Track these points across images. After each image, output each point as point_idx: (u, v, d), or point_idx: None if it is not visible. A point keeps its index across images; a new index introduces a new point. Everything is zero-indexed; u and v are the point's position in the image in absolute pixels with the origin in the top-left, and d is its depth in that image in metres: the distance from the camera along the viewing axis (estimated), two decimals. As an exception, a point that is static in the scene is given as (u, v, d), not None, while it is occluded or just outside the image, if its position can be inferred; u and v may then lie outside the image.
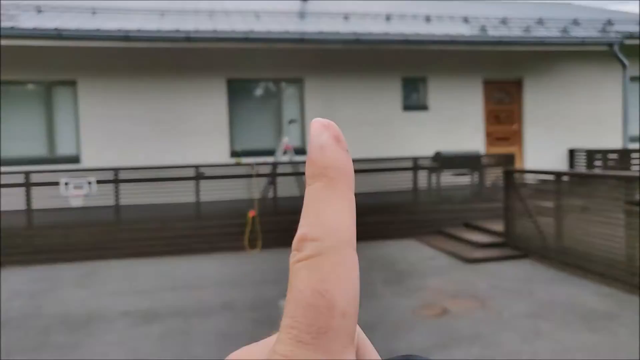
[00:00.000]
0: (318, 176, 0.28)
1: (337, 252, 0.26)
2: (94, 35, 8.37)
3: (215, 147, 9.80)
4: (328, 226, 0.27)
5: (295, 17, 10.89)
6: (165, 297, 5.93)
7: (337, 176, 0.28)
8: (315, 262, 0.26)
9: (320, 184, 0.28)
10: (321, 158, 0.29)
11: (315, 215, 0.27)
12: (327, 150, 0.29)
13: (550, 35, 10.57)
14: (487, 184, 9.64)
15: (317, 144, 0.29)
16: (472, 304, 5.42)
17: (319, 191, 0.28)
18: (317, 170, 0.28)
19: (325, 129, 0.30)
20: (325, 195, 0.28)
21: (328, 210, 0.27)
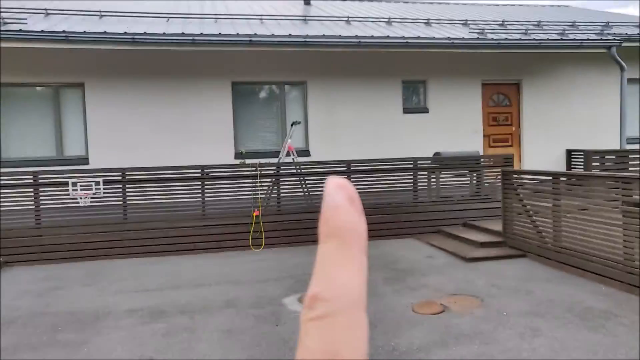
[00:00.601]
0: (331, 236, 0.29)
1: (347, 314, 0.27)
2: (101, 38, 8.46)
3: (220, 148, 9.90)
4: (339, 288, 0.27)
5: (298, 22, 11.00)
6: (170, 295, 5.99)
7: (350, 238, 0.29)
8: (327, 323, 0.26)
9: (333, 244, 0.28)
10: (335, 219, 0.29)
11: (327, 276, 0.28)
12: (341, 211, 0.29)
13: (548, 38, 10.67)
14: (486, 184, 9.72)
15: (332, 203, 0.29)
16: (471, 302, 5.44)
17: (332, 252, 0.28)
18: (330, 230, 0.29)
19: (340, 189, 0.30)
20: (338, 257, 0.28)
21: (340, 271, 0.28)
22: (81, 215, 8.14)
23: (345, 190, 0.30)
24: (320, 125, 10.43)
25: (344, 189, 0.30)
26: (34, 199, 8.05)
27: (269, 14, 11.33)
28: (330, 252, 0.28)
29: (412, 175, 9.35)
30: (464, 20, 12.15)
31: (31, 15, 9.59)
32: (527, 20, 12.73)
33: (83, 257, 7.92)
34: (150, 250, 8.10)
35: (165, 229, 8.28)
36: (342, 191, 0.30)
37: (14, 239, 7.83)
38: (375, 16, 12.18)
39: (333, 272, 0.28)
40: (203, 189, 8.57)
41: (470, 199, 9.52)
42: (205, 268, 7.28)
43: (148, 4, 11.51)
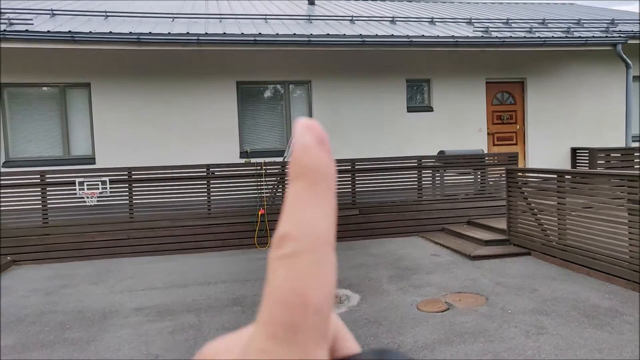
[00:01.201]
0: (300, 177, 0.29)
1: (314, 252, 0.27)
2: (106, 38, 8.51)
3: (225, 147, 9.94)
4: (307, 226, 0.27)
5: (302, 21, 11.01)
6: (177, 294, 6.04)
7: (319, 178, 0.29)
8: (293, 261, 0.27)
9: (302, 184, 0.28)
10: (304, 159, 0.29)
11: (295, 215, 0.28)
12: (310, 151, 0.29)
13: (553, 36, 10.64)
14: (490, 182, 9.71)
15: (301, 144, 0.29)
16: (476, 299, 5.46)
17: (301, 191, 0.28)
18: (299, 170, 0.29)
19: (309, 130, 0.30)
20: (307, 196, 0.28)
21: (308, 210, 0.28)
22: (88, 214, 8.20)
23: (314, 131, 0.30)
24: (324, 124, 10.25)
25: (313, 129, 0.30)
26: (41, 198, 8.12)
27: (274, 14, 11.35)
28: (299, 192, 0.28)
29: (417, 173, 9.36)
30: (468, 18, 12.13)
31: (37, 15, 9.65)
32: (532, 18, 12.70)
33: (90, 255, 7.98)
34: (156, 249, 8.16)
35: (171, 227, 8.33)
36: (311, 132, 0.30)
37: (22, 238, 7.90)
38: (379, 15, 12.18)
39: (301, 211, 0.28)
40: (209, 188, 8.62)
41: (474, 197, 9.53)
42: (211, 266, 7.31)
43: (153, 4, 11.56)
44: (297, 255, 0.27)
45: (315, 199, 0.28)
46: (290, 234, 0.27)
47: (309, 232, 0.27)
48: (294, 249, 0.27)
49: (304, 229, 0.27)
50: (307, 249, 0.27)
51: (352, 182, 9.09)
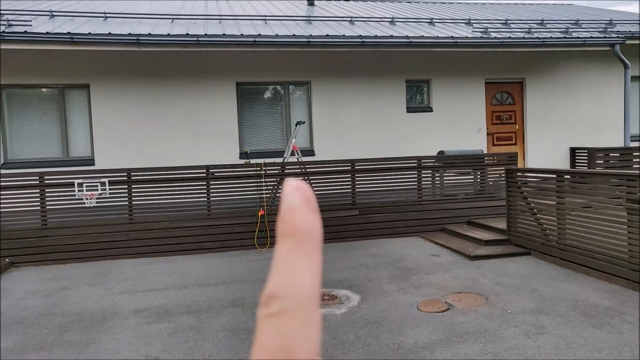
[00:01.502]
0: (287, 236, 0.30)
1: (300, 310, 0.28)
2: (105, 39, 8.50)
3: (225, 148, 9.93)
4: (294, 285, 0.29)
5: (302, 22, 11.01)
6: (176, 295, 6.02)
7: (305, 238, 0.30)
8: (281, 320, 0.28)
9: (289, 244, 0.30)
10: (291, 219, 0.30)
11: (282, 274, 0.29)
12: (297, 212, 0.31)
13: (552, 36, 10.65)
14: (490, 182, 9.72)
15: (289, 205, 0.31)
16: (476, 299, 5.46)
17: (287, 251, 0.30)
18: (286, 230, 0.30)
19: (297, 191, 0.31)
20: (293, 256, 0.30)
21: (294, 270, 0.29)
22: (87, 216, 8.18)
23: (301, 192, 0.31)
24: (324, 125, 10.46)
25: (301, 191, 0.31)
26: (40, 200, 8.10)
27: (273, 15, 11.35)
28: (286, 251, 0.30)
29: (417, 174, 9.36)
30: (467, 19, 12.14)
31: (36, 17, 9.65)
32: (531, 18, 12.72)
33: (89, 257, 7.96)
34: (155, 250, 8.14)
35: (171, 228, 8.32)
36: (299, 193, 0.31)
37: (21, 240, 7.88)
38: (378, 16, 12.19)
39: (288, 270, 0.29)
40: (208, 189, 8.60)
41: (474, 197, 9.53)
42: (210, 267, 7.30)
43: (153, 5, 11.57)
44: (284, 313, 0.28)
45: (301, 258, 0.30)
46: (277, 293, 0.29)
47: (295, 291, 0.29)
48: (281, 307, 0.28)
49: (289, 288, 0.29)
50: (294, 308, 0.28)
51: (352, 182, 9.08)
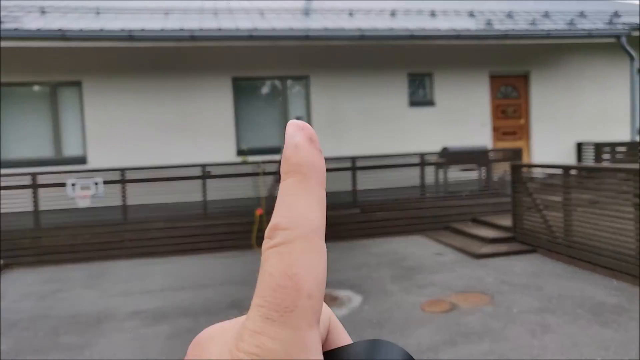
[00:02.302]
0: (291, 172, 0.30)
1: (305, 240, 0.28)
2: (98, 35, 8.38)
3: (221, 145, 9.81)
4: (298, 217, 0.29)
5: (299, 15, 10.87)
6: (173, 297, 5.94)
7: (309, 173, 0.30)
8: (286, 248, 0.28)
9: (293, 179, 0.30)
10: (295, 156, 0.31)
11: (287, 208, 0.29)
12: (300, 149, 0.31)
13: (556, 28, 10.49)
14: (495, 179, 9.60)
15: (292, 143, 0.31)
16: (480, 299, 5.39)
17: (292, 186, 0.30)
18: (290, 167, 0.31)
19: (299, 129, 0.32)
20: (297, 190, 0.30)
21: (299, 203, 0.29)
22: (81, 217, 8.11)
23: (304, 130, 0.32)
24: (323, 120, 10.31)
25: (304, 129, 0.32)
26: (33, 200, 8.00)
27: (270, 7, 11.21)
28: (290, 187, 0.30)
29: (419, 170, 9.23)
30: (469, 10, 11.98)
31: (27, 13, 9.52)
32: (535, 10, 12.54)
33: (84, 258, 7.87)
34: (151, 251, 8.03)
35: (166, 229, 8.21)
36: (302, 132, 0.31)
37: (14, 241, 7.80)
38: (378, 8, 12.02)
39: (292, 203, 0.29)
40: (204, 188, 8.49)
41: (478, 194, 9.41)
42: (208, 268, 7.23)
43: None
44: (289, 242, 0.28)
45: (306, 192, 0.30)
46: (281, 224, 0.29)
47: (300, 221, 0.29)
48: (286, 237, 0.28)
49: (294, 219, 0.29)
50: (299, 237, 0.28)
51: (353, 180, 8.96)
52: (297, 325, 0.26)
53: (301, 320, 0.27)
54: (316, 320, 0.27)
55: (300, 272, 0.27)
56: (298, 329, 0.26)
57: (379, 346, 0.30)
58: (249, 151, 9.79)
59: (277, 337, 0.26)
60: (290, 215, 0.29)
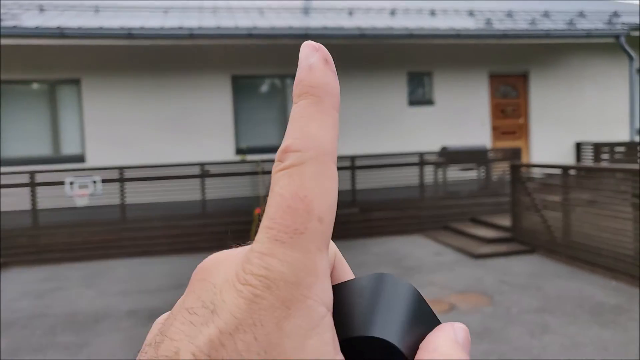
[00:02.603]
0: (305, 94, 0.29)
1: (318, 162, 0.27)
2: (96, 33, 8.34)
3: (220, 144, 9.77)
4: (311, 139, 0.28)
5: (299, 13, 10.84)
6: (171, 296, 5.89)
7: (323, 94, 0.29)
8: (297, 170, 0.27)
9: (307, 101, 0.29)
10: (309, 77, 0.29)
11: (299, 129, 0.28)
12: (315, 70, 0.30)
13: (556, 27, 10.47)
14: (494, 179, 9.58)
15: (306, 64, 0.30)
16: (480, 299, 5.38)
17: (305, 107, 0.29)
18: (304, 89, 0.29)
19: (315, 50, 0.30)
20: (310, 112, 0.29)
21: (312, 124, 0.28)
22: (79, 215, 8.07)
23: (319, 52, 0.30)
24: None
25: (319, 50, 0.31)
26: (31, 198, 7.96)
27: (269, 5, 11.17)
28: (303, 108, 0.29)
29: (419, 170, 9.21)
30: (469, 10, 11.95)
31: (26, 11, 9.47)
32: (534, 9, 12.51)
33: (82, 257, 7.84)
34: (149, 250, 8.00)
35: (165, 227, 8.18)
36: (317, 53, 0.30)
37: (12, 240, 7.76)
38: (378, 7, 11.99)
39: (304, 125, 0.28)
40: (203, 187, 8.45)
41: (478, 193, 9.39)
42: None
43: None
44: (300, 164, 0.27)
45: (319, 114, 0.29)
46: (293, 146, 0.28)
47: (312, 144, 0.28)
48: (297, 159, 0.27)
49: (307, 141, 0.28)
50: (311, 159, 0.27)
51: (352, 179, 8.94)
52: (307, 248, 0.26)
53: (311, 243, 0.26)
54: (326, 244, 0.27)
55: (311, 195, 0.26)
56: (307, 252, 0.26)
57: (385, 279, 0.29)
58: (247, 150, 9.76)
59: (285, 259, 0.25)
60: (303, 137, 0.28)
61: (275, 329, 0.24)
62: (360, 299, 0.28)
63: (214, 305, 0.26)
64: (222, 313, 0.25)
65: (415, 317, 0.28)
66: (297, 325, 0.24)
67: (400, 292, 0.29)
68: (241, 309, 0.25)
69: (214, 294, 0.27)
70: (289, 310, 0.25)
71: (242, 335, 0.24)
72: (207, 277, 0.28)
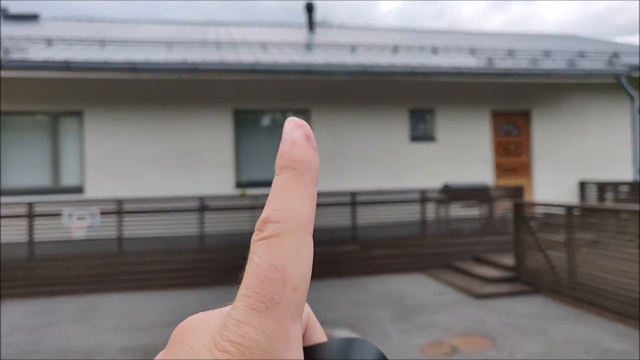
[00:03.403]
0: (286, 168, 0.31)
1: (294, 235, 0.29)
2: (101, 66, 8.40)
3: (220, 178, 9.73)
4: (289, 211, 0.29)
5: (301, 49, 10.94)
6: (165, 333, 5.74)
7: (303, 169, 0.31)
8: (275, 241, 0.28)
9: (288, 174, 0.31)
10: (291, 152, 0.31)
11: (279, 201, 0.30)
12: (297, 145, 0.31)
13: (557, 67, 10.54)
14: (497, 217, 9.48)
15: (289, 139, 0.32)
16: (482, 342, 5.22)
17: (285, 180, 0.30)
18: (285, 162, 0.31)
19: (297, 127, 0.32)
20: (290, 185, 0.30)
21: (290, 197, 0.30)
22: (76, 248, 7.97)
23: (302, 128, 0.32)
24: (324, 154, 10.26)
25: (301, 127, 0.32)
26: (28, 230, 7.87)
27: (272, 41, 11.29)
28: (283, 181, 0.30)
29: (420, 206, 9.12)
30: (471, 48, 12.07)
31: (34, 44, 9.58)
32: (535, 49, 12.65)
33: (77, 290, 7.69)
34: (146, 284, 7.85)
35: (162, 262, 8.05)
36: (299, 129, 0.32)
37: (7, 272, 7.63)
38: (380, 44, 12.13)
39: (284, 197, 0.30)
40: (202, 221, 8.36)
41: (480, 232, 9.27)
42: (203, 303, 7.02)
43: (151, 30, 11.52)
44: (278, 235, 0.28)
45: (299, 187, 0.30)
46: (272, 217, 0.29)
47: (291, 215, 0.29)
48: (276, 230, 0.29)
49: (285, 213, 0.29)
50: (288, 231, 0.29)
51: (353, 215, 8.84)
52: (282, 318, 0.27)
53: (285, 313, 0.27)
54: (299, 313, 0.28)
55: (288, 266, 0.28)
56: (282, 321, 0.27)
57: (354, 344, 0.30)
58: (247, 183, 9.71)
59: (261, 328, 0.26)
60: (282, 209, 0.29)
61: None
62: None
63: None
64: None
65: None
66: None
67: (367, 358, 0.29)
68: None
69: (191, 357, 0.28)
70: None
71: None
72: (185, 340, 0.30)
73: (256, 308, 0.27)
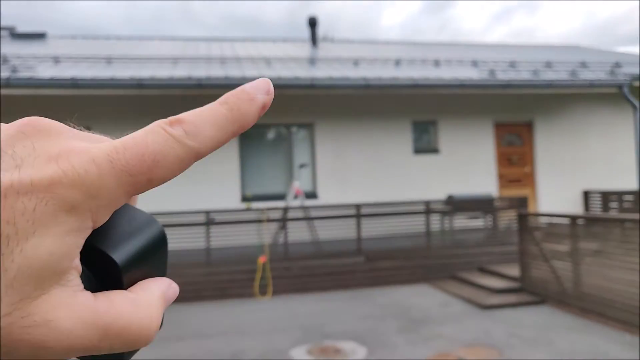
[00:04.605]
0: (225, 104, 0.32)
1: (187, 151, 0.30)
2: (108, 83, 8.51)
3: (226, 192, 9.78)
4: (201, 134, 0.30)
5: (305, 63, 11.04)
6: (172, 347, 5.76)
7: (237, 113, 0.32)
8: (173, 144, 0.30)
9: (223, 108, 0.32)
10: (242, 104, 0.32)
11: (199, 118, 0.31)
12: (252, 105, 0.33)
13: (559, 77, 10.59)
14: (501, 227, 9.48)
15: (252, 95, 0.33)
16: (489, 353, 5.20)
17: (218, 109, 0.32)
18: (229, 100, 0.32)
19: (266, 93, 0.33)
20: (220, 113, 0.32)
21: (209, 122, 0.31)
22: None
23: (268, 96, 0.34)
24: (328, 167, 10.32)
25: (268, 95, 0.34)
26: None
27: (276, 56, 11.40)
28: (217, 108, 0.31)
29: (425, 218, 9.13)
30: (473, 60, 12.15)
31: (41, 62, 9.71)
32: (537, 60, 12.72)
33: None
34: (153, 298, 7.85)
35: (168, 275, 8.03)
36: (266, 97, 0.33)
37: None
38: (383, 57, 12.22)
39: (205, 118, 0.31)
40: (207, 235, 8.40)
41: (485, 242, 9.26)
42: (209, 318, 7.04)
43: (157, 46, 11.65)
44: (179, 143, 0.30)
45: (221, 121, 0.31)
46: (186, 124, 0.31)
47: (200, 138, 0.31)
48: (180, 139, 0.30)
49: (197, 133, 0.31)
50: (189, 147, 0.30)
51: (358, 227, 8.86)
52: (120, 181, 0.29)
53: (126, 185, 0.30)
54: (131, 191, 0.30)
55: (160, 168, 0.30)
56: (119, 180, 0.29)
57: (154, 225, 0.33)
58: (253, 197, 9.76)
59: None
60: (196, 126, 0.30)
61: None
62: (127, 226, 0.32)
63: (22, 162, 0.27)
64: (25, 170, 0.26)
65: (151, 262, 0.32)
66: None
67: (155, 243, 0.33)
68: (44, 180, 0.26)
69: (29, 155, 0.27)
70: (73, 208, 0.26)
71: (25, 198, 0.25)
72: (38, 135, 0.29)
73: (113, 161, 0.28)
